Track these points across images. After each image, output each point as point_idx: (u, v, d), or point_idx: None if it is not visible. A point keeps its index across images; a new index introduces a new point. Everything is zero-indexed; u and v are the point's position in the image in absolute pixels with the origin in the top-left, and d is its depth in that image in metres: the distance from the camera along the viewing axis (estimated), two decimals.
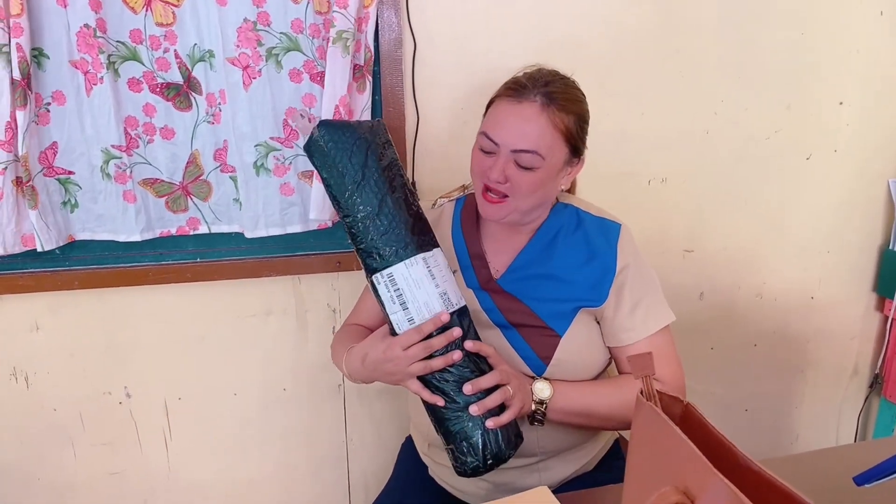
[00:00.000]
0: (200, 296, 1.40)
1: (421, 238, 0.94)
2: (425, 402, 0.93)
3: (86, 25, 1.14)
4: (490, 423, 0.89)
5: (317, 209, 1.29)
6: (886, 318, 1.78)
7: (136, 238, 1.28)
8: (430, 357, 0.90)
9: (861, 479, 0.77)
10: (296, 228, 1.35)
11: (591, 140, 1.02)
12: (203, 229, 1.33)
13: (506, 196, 0.97)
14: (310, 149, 0.94)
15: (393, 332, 0.94)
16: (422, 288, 0.91)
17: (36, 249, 1.21)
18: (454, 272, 1.05)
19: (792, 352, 1.80)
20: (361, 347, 1.00)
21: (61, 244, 1.25)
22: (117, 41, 1.19)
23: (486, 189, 0.98)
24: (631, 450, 0.64)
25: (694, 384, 1.01)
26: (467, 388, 0.89)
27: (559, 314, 1.00)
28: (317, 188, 1.27)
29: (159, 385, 1.45)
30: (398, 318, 0.92)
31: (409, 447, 1.24)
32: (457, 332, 0.91)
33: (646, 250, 1.05)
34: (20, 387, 1.38)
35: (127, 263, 1.32)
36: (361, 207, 0.92)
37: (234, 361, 1.47)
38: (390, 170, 0.94)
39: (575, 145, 0.99)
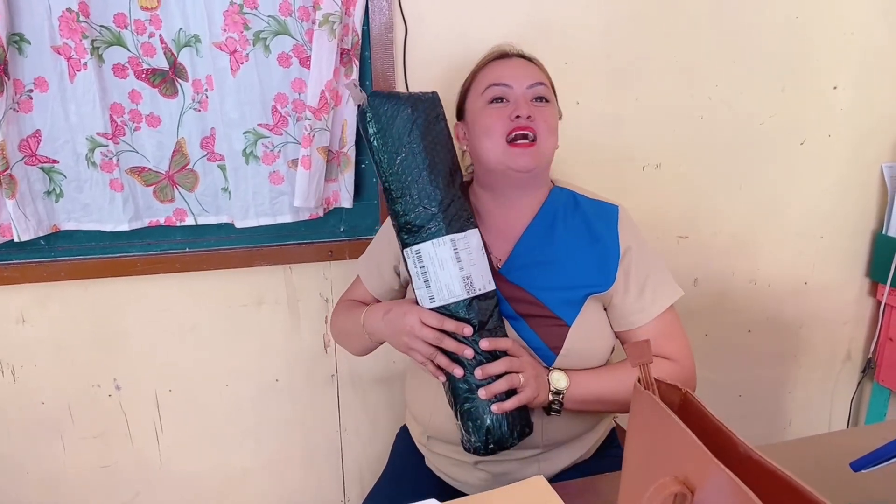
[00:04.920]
0: (190, 286, 1.38)
1: (454, 219, 0.94)
2: (445, 372, 0.95)
3: (68, 10, 1.11)
4: (494, 408, 0.91)
5: (301, 196, 1.26)
6: (879, 302, 1.78)
7: (125, 228, 1.26)
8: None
9: (858, 465, 0.76)
10: (286, 218, 1.32)
11: (585, 125, 1.01)
12: (189, 221, 1.31)
13: (533, 139, 0.98)
14: (359, 117, 0.96)
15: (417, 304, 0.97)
16: (445, 269, 0.93)
17: (13, 240, 1.18)
18: None
19: (785, 337, 1.80)
20: (389, 303, 1.06)
21: (42, 234, 1.22)
22: (101, 26, 1.16)
23: (512, 138, 0.98)
24: (629, 439, 0.63)
25: None
26: (478, 373, 0.91)
27: (567, 302, 1.00)
28: (301, 174, 1.25)
29: (149, 377, 1.43)
30: (421, 294, 0.95)
31: (404, 436, 1.23)
32: (468, 329, 0.92)
33: None
34: (7, 380, 1.36)
35: (114, 254, 1.30)
36: (397, 181, 0.93)
37: (226, 352, 1.45)
38: (434, 146, 0.94)
39: (556, 98, 1.07)
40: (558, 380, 0.95)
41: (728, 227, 1.65)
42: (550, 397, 0.95)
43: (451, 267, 0.93)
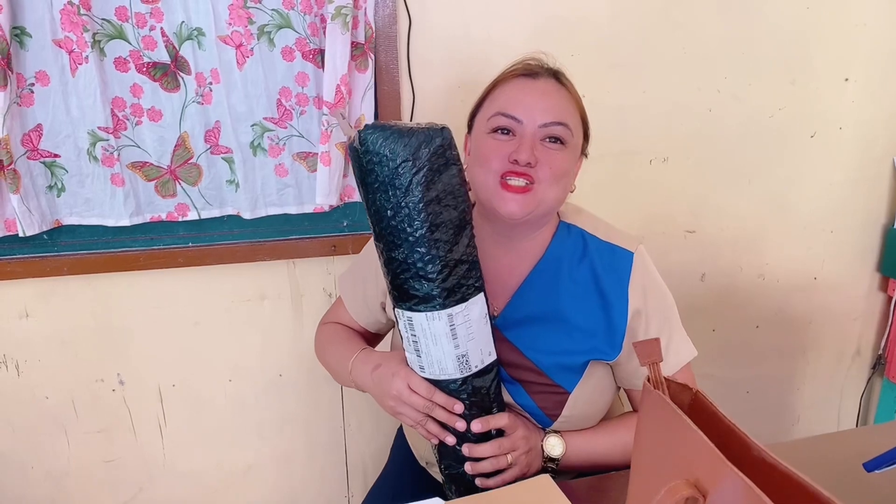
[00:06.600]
0: (193, 281, 1.37)
1: (455, 288, 0.81)
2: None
3: (70, 3, 1.10)
4: (478, 482, 0.88)
5: (323, 193, 1.26)
6: (890, 298, 1.76)
7: (126, 222, 1.25)
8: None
9: (871, 466, 0.75)
10: (291, 210, 1.33)
11: (591, 118, 0.98)
12: (192, 215, 1.30)
13: (530, 184, 0.85)
14: (350, 154, 0.81)
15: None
16: (438, 345, 0.82)
17: (17, 234, 1.18)
18: None
19: (794, 333, 1.78)
20: (380, 356, 0.96)
21: (45, 229, 1.22)
22: (102, 19, 1.15)
23: (506, 179, 0.86)
24: (637, 440, 0.61)
25: (695, 366, 0.99)
26: (465, 450, 0.87)
27: (567, 368, 0.91)
28: (322, 171, 1.24)
29: (153, 372, 1.42)
30: (411, 358, 0.87)
31: (404, 433, 1.22)
32: (458, 406, 0.85)
33: (647, 231, 1.01)
34: (11, 375, 1.36)
35: (117, 248, 1.29)
36: (390, 240, 0.80)
37: (229, 347, 1.44)
38: (439, 202, 0.78)
39: (586, 133, 0.95)
40: (553, 447, 0.91)
41: (736, 222, 1.63)
42: (544, 464, 0.91)
43: (446, 344, 0.82)
